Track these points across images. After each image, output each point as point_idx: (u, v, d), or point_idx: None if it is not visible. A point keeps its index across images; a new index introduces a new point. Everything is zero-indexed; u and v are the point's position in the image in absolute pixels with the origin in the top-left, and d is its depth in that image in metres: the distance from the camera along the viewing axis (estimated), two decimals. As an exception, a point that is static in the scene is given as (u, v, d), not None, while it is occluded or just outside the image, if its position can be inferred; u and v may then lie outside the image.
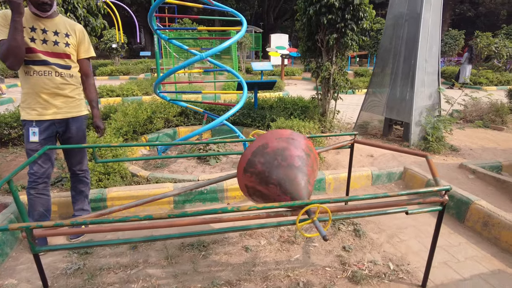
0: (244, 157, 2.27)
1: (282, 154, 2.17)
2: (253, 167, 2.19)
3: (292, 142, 2.27)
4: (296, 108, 6.00)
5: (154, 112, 5.60)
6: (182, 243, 2.88)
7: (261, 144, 2.25)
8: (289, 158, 2.15)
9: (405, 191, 2.00)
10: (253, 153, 2.22)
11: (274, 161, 2.14)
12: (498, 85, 13.22)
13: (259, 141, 2.28)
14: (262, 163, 2.16)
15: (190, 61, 3.66)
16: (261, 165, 2.16)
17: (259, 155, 2.20)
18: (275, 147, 2.21)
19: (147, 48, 31.68)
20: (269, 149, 2.21)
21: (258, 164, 2.17)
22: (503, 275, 2.52)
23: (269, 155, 2.18)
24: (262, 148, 2.22)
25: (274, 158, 2.16)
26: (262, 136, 2.31)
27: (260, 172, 2.16)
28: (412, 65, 5.24)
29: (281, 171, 2.10)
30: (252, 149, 2.25)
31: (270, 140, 2.26)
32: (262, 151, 2.21)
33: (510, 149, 5.58)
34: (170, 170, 4.53)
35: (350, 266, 2.58)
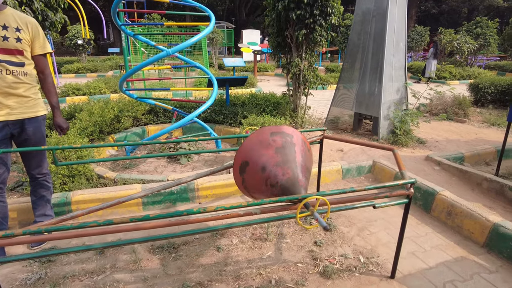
0: (238, 158, 2.27)
1: (277, 151, 2.17)
2: (249, 167, 2.19)
3: (286, 138, 2.28)
4: (268, 104, 5.99)
5: (122, 110, 5.42)
6: (151, 245, 2.79)
7: (255, 142, 2.24)
8: (284, 154, 2.16)
9: (373, 185, 2.03)
10: (247, 153, 2.21)
11: (270, 158, 2.14)
12: (460, 79, 13.81)
13: (252, 140, 2.27)
14: (257, 161, 2.16)
15: (156, 57, 3.54)
16: (257, 163, 2.16)
17: (254, 155, 2.19)
18: (269, 145, 2.21)
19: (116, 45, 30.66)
20: (263, 147, 2.20)
21: (254, 163, 2.17)
22: (465, 262, 2.62)
23: (264, 152, 2.17)
24: (256, 147, 2.21)
25: (270, 155, 2.16)
26: (255, 134, 2.30)
27: (257, 170, 2.16)
28: (380, 60, 5.36)
29: (277, 168, 2.10)
30: (245, 149, 2.24)
31: (263, 138, 2.25)
32: (256, 149, 2.20)
33: (472, 141, 5.83)
34: (139, 170, 4.39)
35: (322, 261, 2.60)
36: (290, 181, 2.06)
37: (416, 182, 3.51)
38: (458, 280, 2.41)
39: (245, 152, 2.25)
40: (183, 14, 6.98)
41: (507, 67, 16.31)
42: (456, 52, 13.44)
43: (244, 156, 2.24)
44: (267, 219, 1.96)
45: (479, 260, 2.65)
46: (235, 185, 3.61)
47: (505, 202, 3.52)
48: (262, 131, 2.33)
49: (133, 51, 9.56)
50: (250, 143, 2.27)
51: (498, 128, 6.74)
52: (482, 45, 14.43)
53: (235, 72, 11.61)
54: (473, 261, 2.63)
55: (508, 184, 3.51)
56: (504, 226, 2.67)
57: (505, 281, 2.42)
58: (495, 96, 8.47)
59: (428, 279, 2.42)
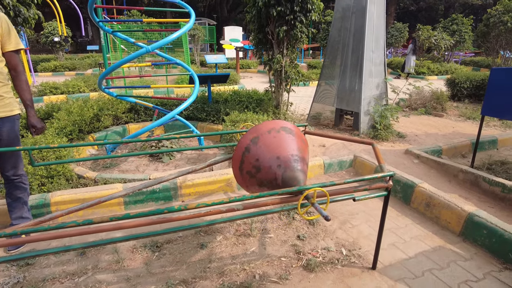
0: (237, 153, 2.32)
1: (275, 145, 2.22)
2: (249, 161, 2.24)
3: (283, 132, 2.32)
4: (251, 101, 5.99)
5: (101, 109, 5.31)
6: (134, 245, 2.76)
7: (254, 137, 2.29)
8: (283, 148, 2.22)
9: (352, 178, 2.06)
10: (246, 148, 2.27)
11: (268, 153, 2.19)
12: (438, 74, 14.18)
13: (250, 134, 2.32)
14: (256, 157, 2.22)
15: (136, 55, 3.49)
16: (257, 158, 2.21)
17: (253, 149, 2.24)
18: (267, 139, 2.25)
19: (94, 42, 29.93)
20: (261, 142, 2.25)
21: (253, 158, 2.23)
22: (442, 251, 2.71)
23: (262, 147, 2.23)
24: (255, 142, 2.27)
25: (268, 150, 2.21)
26: (254, 130, 2.35)
27: (256, 165, 2.22)
28: (360, 56, 5.44)
29: (276, 161, 2.15)
30: (244, 144, 2.29)
31: (262, 133, 2.30)
32: (255, 144, 2.26)
33: (449, 134, 6.01)
34: (120, 169, 4.32)
35: (305, 255, 2.63)
36: (291, 173, 2.12)
37: (396, 175, 3.60)
38: (435, 269, 2.49)
39: (247, 144, 2.30)
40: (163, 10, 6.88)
41: (482, 63, 16.85)
42: (433, 48, 13.78)
43: (246, 148, 2.29)
44: (266, 212, 1.99)
45: (455, 248, 2.75)
46: (218, 182, 3.61)
47: (480, 193, 3.66)
48: (264, 125, 2.38)
49: (113, 49, 9.38)
50: (255, 134, 2.32)
51: (473, 122, 6.96)
52: (458, 41, 14.85)
53: (218, 69, 11.55)
54: (449, 250, 2.73)
55: (482, 175, 3.64)
56: (478, 215, 2.77)
57: (479, 268, 2.52)
58: (470, 91, 8.74)
59: (407, 268, 2.49)
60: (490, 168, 4.17)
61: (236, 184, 3.69)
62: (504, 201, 3.43)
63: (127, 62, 3.56)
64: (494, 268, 2.52)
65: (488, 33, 7.19)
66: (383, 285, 2.32)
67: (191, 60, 16.64)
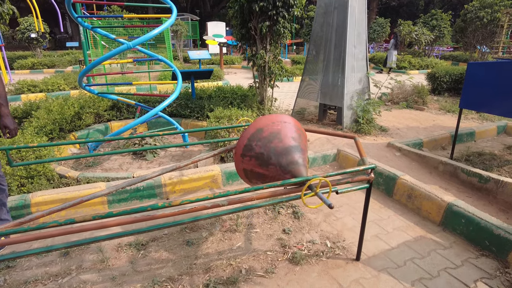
0: (241, 142, 2.37)
1: (278, 137, 2.30)
2: (251, 151, 2.31)
3: (285, 124, 2.40)
4: (235, 97, 5.98)
5: (83, 107, 5.20)
6: (119, 244, 2.73)
7: (257, 128, 2.37)
8: (285, 139, 2.29)
9: (335, 172, 2.10)
10: (250, 138, 2.34)
11: (271, 143, 2.26)
12: (419, 69, 14.48)
13: (254, 126, 2.39)
14: (260, 146, 2.29)
15: (116, 51, 3.43)
16: (259, 148, 2.28)
17: (256, 139, 2.32)
18: (270, 131, 2.33)
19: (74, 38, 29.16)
20: (265, 133, 2.33)
21: (256, 147, 2.30)
22: (423, 240, 2.79)
23: (266, 138, 2.30)
24: (258, 133, 2.35)
25: (271, 140, 2.28)
26: (256, 122, 2.41)
27: (258, 155, 2.28)
28: (343, 51, 5.49)
29: (279, 152, 2.22)
30: (248, 134, 2.36)
31: (264, 125, 2.37)
32: (258, 135, 2.33)
33: (430, 127, 6.16)
34: (103, 168, 4.26)
35: (290, 248, 2.66)
36: (295, 164, 2.18)
37: (378, 168, 3.68)
38: (417, 258, 2.57)
39: (266, 124, 2.37)
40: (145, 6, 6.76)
41: (460, 57, 17.29)
42: (414, 43, 14.04)
43: (264, 126, 2.36)
44: (269, 203, 2.04)
45: (435, 237, 2.83)
46: (203, 179, 3.60)
47: (458, 183, 3.77)
48: (267, 118, 2.45)
49: (93, 45, 9.17)
50: (273, 119, 2.40)
51: (453, 115, 7.15)
52: (437, 36, 15.16)
53: (201, 65, 11.45)
54: (430, 239, 2.81)
55: (461, 167, 3.76)
56: (457, 205, 2.86)
57: (458, 255, 2.61)
58: (450, 85, 8.96)
59: (390, 258, 2.56)
60: (468, 160, 4.31)
61: (221, 180, 3.69)
62: (481, 190, 3.55)
63: (108, 58, 3.49)
64: (471, 255, 2.61)
65: (465, 28, 7.38)
66: (366, 275, 2.38)
67: (174, 56, 16.44)
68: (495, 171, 3.98)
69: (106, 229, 2.76)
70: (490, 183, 3.46)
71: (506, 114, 3.66)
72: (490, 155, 4.50)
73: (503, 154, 4.61)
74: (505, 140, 5.51)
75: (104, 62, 4.06)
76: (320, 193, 1.91)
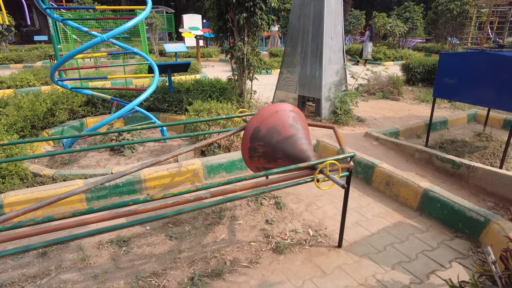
0: (244, 146, 2.47)
1: (276, 131, 2.35)
2: (256, 151, 2.40)
3: (279, 114, 2.46)
4: (214, 90, 5.93)
5: (56, 103, 5.01)
6: (99, 241, 2.68)
7: (254, 128, 2.43)
8: (284, 131, 2.35)
9: (315, 161, 2.13)
10: (251, 140, 2.41)
11: (272, 140, 2.33)
12: (394, 60, 14.82)
13: (250, 127, 2.45)
14: (262, 146, 2.36)
15: (89, 44, 3.31)
16: (262, 148, 2.36)
17: (257, 140, 2.38)
18: (267, 127, 2.39)
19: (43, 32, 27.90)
20: (263, 131, 2.38)
21: (259, 148, 2.38)
22: (401, 226, 2.89)
23: (265, 136, 2.36)
24: (257, 132, 2.41)
25: (271, 137, 2.34)
26: (252, 121, 2.46)
27: (264, 153, 2.36)
28: (320, 43, 5.54)
29: (282, 146, 2.29)
30: (248, 137, 2.44)
31: (260, 122, 2.43)
32: (257, 135, 2.39)
33: (405, 117, 6.34)
34: (80, 165, 4.14)
35: (274, 238, 2.69)
36: (301, 152, 2.25)
37: (357, 157, 3.76)
38: (396, 242, 2.66)
39: (261, 120, 2.42)
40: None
41: (432, 49, 17.80)
42: (389, 35, 14.34)
43: (259, 124, 2.41)
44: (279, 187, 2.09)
45: (413, 222, 2.94)
46: (184, 173, 3.56)
47: (434, 170, 3.92)
48: (260, 114, 2.49)
49: (64, 39, 8.83)
50: (266, 114, 2.45)
51: (426, 104, 7.38)
52: (411, 28, 15.54)
53: (177, 58, 11.26)
54: (408, 224, 2.91)
55: (435, 154, 3.89)
56: (433, 191, 2.97)
57: (434, 238, 2.72)
58: (423, 75, 9.23)
59: (371, 244, 2.63)
60: (442, 147, 4.47)
61: (203, 173, 3.67)
62: (454, 176, 3.70)
63: (81, 52, 3.37)
64: (446, 237, 2.73)
65: (436, 20, 7.60)
66: (348, 261, 2.44)
67: (150, 49, 16.07)
68: (466, 157, 4.15)
69: (85, 227, 2.69)
70: (462, 168, 3.61)
71: (477, 103, 3.82)
72: (462, 142, 4.68)
73: (473, 141, 4.81)
74: (475, 127, 5.75)
75: (77, 56, 3.92)
76: (332, 175, 2.01)
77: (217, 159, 3.76)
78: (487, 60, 3.61)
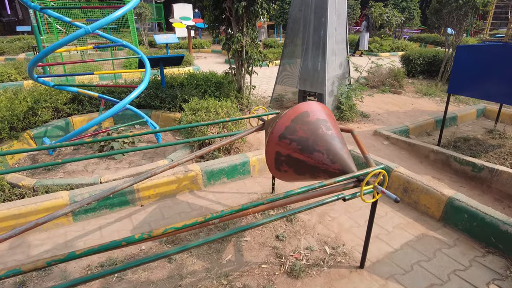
0: (283, 122, 2.18)
1: (326, 125, 2.13)
2: (294, 133, 2.12)
3: (329, 115, 2.26)
4: (209, 84, 5.53)
5: (38, 101, 4.58)
6: (88, 265, 2.34)
7: (302, 112, 2.18)
8: (334, 129, 2.14)
9: (342, 176, 1.81)
10: (294, 120, 2.15)
11: (318, 130, 2.09)
12: (391, 51, 14.53)
13: (297, 109, 2.21)
14: (304, 130, 2.10)
15: (72, 36, 2.91)
16: (303, 132, 2.10)
17: (301, 123, 2.13)
18: (317, 117, 2.16)
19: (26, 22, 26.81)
20: (311, 118, 2.14)
21: (300, 131, 2.11)
22: (425, 239, 2.61)
23: (312, 123, 2.12)
24: (303, 116, 2.16)
25: (318, 127, 2.10)
26: (298, 106, 2.23)
27: (302, 139, 2.09)
28: (323, 34, 5.18)
29: (328, 140, 2.05)
30: (292, 115, 2.18)
31: (309, 109, 2.21)
32: (304, 118, 2.15)
33: (409, 111, 6.06)
34: (65, 171, 3.76)
35: (287, 258, 2.38)
36: (344, 155, 2.01)
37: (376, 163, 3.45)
38: (423, 260, 2.37)
39: (295, 118, 2.16)
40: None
41: (428, 39, 17.55)
42: (386, 25, 14.00)
43: (293, 122, 2.15)
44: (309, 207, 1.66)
45: (437, 235, 2.66)
46: (181, 180, 3.22)
47: (451, 173, 3.64)
48: (307, 104, 2.26)
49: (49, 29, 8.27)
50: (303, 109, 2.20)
51: (429, 98, 7.11)
52: (407, 18, 15.24)
53: (168, 50, 10.76)
54: (432, 237, 2.63)
55: (453, 155, 3.61)
56: (458, 199, 2.69)
57: (464, 254, 2.45)
58: (423, 67, 8.95)
59: (395, 263, 2.34)
60: (456, 146, 4.20)
61: (202, 180, 3.33)
62: (474, 180, 3.44)
63: (63, 45, 2.97)
64: (478, 253, 2.46)
65: (440, 10, 7.28)
66: (374, 285, 2.15)
67: (139, 41, 15.49)
68: (482, 157, 3.88)
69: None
70: (484, 172, 3.34)
71: (501, 100, 3.54)
72: (475, 140, 4.42)
73: (486, 139, 4.56)
74: (484, 123, 5.50)
75: (59, 49, 3.51)
76: (380, 187, 1.81)
77: (217, 163, 3.42)
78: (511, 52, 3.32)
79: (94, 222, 2.85)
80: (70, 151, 4.37)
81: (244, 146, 4.14)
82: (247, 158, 3.58)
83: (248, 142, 4.24)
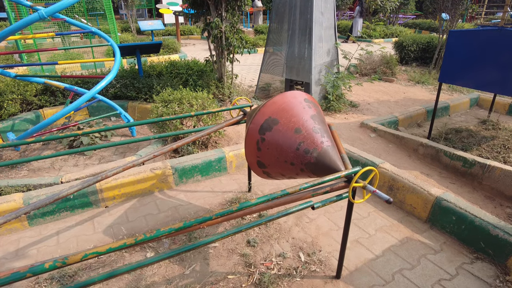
0: (262, 115, 2.00)
1: (309, 116, 1.94)
2: (275, 125, 1.95)
3: (314, 105, 2.07)
4: (190, 73, 5.22)
5: (3, 92, 4.28)
6: (36, 278, 2.10)
7: (284, 102, 2.01)
8: (317, 121, 1.94)
9: (309, 183, 1.57)
10: (274, 112, 1.98)
11: (302, 121, 1.90)
12: (384, 37, 14.17)
13: (279, 99, 2.03)
14: (286, 122, 1.92)
15: (23, 22, 2.61)
16: (286, 124, 1.92)
17: (283, 115, 1.96)
18: (300, 108, 1.98)
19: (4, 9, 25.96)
20: (294, 109, 1.97)
21: (282, 123, 1.93)
22: (410, 244, 2.40)
23: (295, 115, 1.94)
24: (285, 108, 1.98)
25: (302, 118, 1.92)
26: (283, 96, 2.05)
27: (284, 131, 1.91)
28: (309, 19, 4.88)
29: (311, 134, 1.85)
30: (272, 107, 2.00)
31: (294, 100, 2.03)
32: (285, 110, 1.97)
33: (401, 100, 5.82)
34: (30, 168, 3.50)
35: (257, 267, 2.17)
36: (329, 150, 1.80)
37: (354, 154, 3.23)
38: (406, 268, 2.17)
39: (275, 110, 1.98)
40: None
41: (422, 25, 17.17)
42: (380, 11, 13.62)
43: (273, 115, 1.97)
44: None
45: (423, 239, 2.45)
46: (150, 179, 2.98)
47: (441, 168, 3.43)
48: (293, 94, 2.08)
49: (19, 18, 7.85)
50: (282, 101, 2.01)
51: (422, 86, 6.87)
52: (402, 3, 14.84)
53: (154, 37, 10.34)
54: (418, 241, 2.43)
55: (443, 149, 3.39)
56: (446, 200, 2.48)
57: (450, 261, 2.25)
58: (417, 54, 8.67)
59: (376, 272, 2.14)
60: (447, 138, 3.98)
61: (173, 179, 3.09)
62: (465, 176, 3.22)
63: (13, 32, 2.67)
64: (465, 259, 2.26)
65: (435, -6, 6.97)
66: (349, 299, 1.95)
67: (126, 27, 15.01)
68: (474, 150, 3.67)
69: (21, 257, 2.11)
70: (476, 167, 3.13)
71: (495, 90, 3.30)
72: (467, 132, 4.20)
73: (479, 130, 4.33)
74: (477, 113, 5.28)
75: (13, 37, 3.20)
76: (370, 186, 1.63)
77: (190, 160, 3.17)
78: (507, 38, 3.06)
79: (52, 226, 2.62)
80: (39, 146, 4.10)
81: (223, 140, 3.90)
82: (223, 153, 3.33)
83: (227, 136, 3.98)
